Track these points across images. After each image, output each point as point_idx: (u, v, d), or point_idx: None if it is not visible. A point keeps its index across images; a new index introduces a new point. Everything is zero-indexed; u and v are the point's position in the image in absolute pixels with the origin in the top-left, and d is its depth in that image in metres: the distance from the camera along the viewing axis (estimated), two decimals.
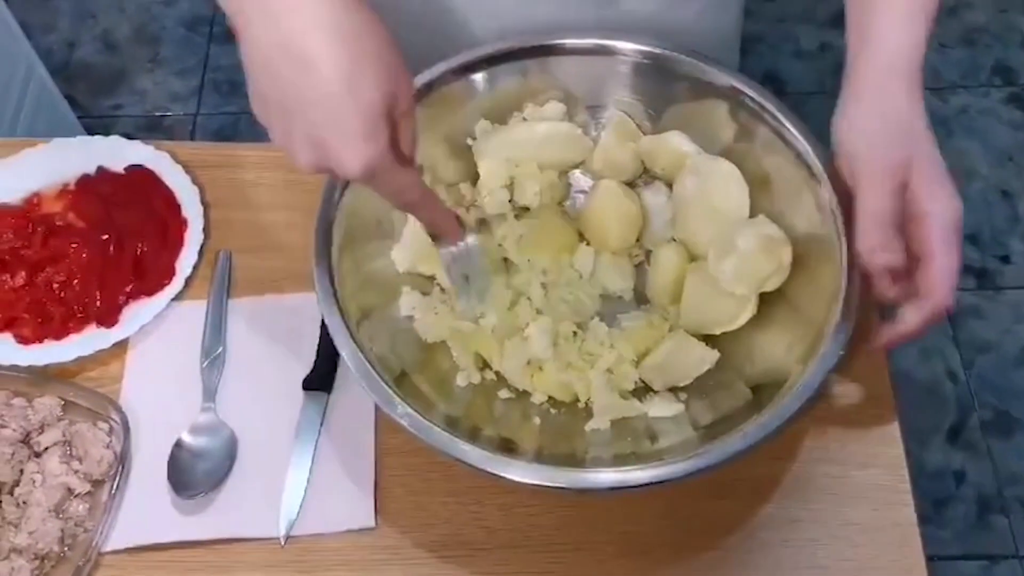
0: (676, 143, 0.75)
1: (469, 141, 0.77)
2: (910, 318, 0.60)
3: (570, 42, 0.75)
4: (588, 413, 0.69)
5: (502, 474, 0.60)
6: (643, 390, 0.70)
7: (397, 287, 0.73)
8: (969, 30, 1.96)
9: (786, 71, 1.92)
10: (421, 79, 0.72)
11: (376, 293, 0.71)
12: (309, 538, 0.69)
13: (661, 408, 0.68)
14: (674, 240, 0.74)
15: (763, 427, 0.59)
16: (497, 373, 0.71)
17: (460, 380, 0.70)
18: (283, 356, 0.75)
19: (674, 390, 0.70)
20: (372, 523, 0.69)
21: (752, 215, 0.71)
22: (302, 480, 0.70)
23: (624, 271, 0.74)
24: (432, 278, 0.74)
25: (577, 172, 0.79)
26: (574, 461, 0.64)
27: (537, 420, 0.69)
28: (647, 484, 0.59)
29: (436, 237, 0.65)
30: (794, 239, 0.69)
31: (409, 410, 0.61)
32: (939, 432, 1.56)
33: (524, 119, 0.77)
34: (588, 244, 0.75)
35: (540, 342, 0.69)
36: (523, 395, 0.70)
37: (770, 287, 0.69)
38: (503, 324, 0.71)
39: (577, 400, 0.70)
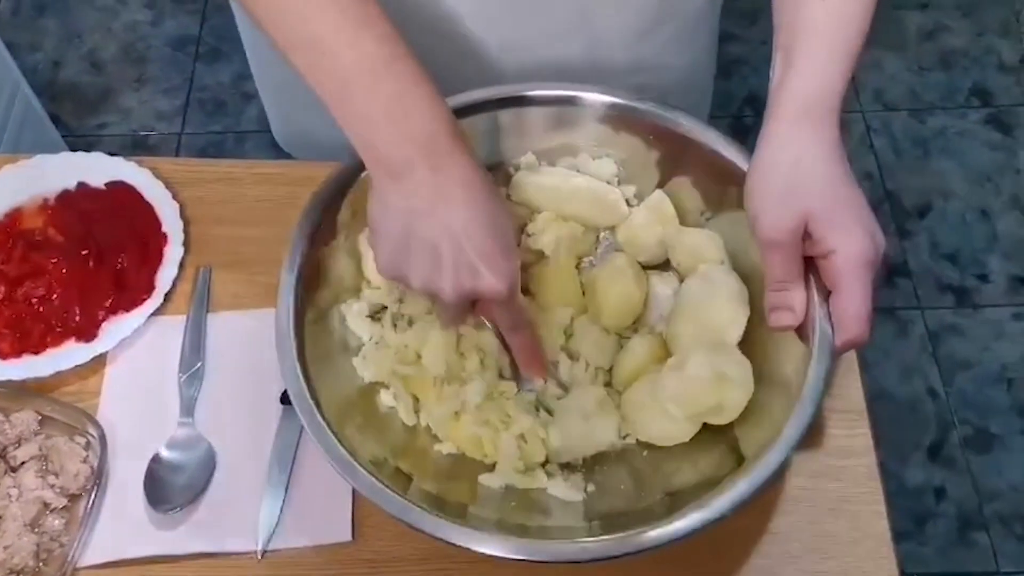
0: (701, 243, 0.72)
1: (511, 170, 0.76)
2: None
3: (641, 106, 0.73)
4: (490, 467, 0.68)
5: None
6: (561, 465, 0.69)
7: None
8: (947, 53, 1.99)
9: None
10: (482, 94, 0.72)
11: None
12: (286, 552, 0.69)
13: (561, 490, 0.67)
14: (660, 334, 0.72)
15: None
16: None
17: (386, 399, 0.70)
18: (261, 371, 0.75)
19: (583, 474, 0.68)
20: (349, 536, 0.69)
21: (747, 346, 0.67)
22: (279, 494, 0.70)
23: (606, 349, 0.72)
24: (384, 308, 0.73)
25: (606, 233, 0.77)
26: (459, 511, 0.63)
27: (443, 450, 0.69)
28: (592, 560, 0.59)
29: (518, 375, 0.70)
30: (766, 383, 0.65)
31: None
32: (919, 449, 1.57)
33: (576, 168, 0.76)
34: (585, 311, 0.74)
35: (475, 389, 0.69)
36: (436, 439, 0.70)
37: (714, 422, 0.66)
38: (448, 370, 0.70)
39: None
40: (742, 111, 1.92)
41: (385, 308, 0.73)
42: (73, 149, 1.70)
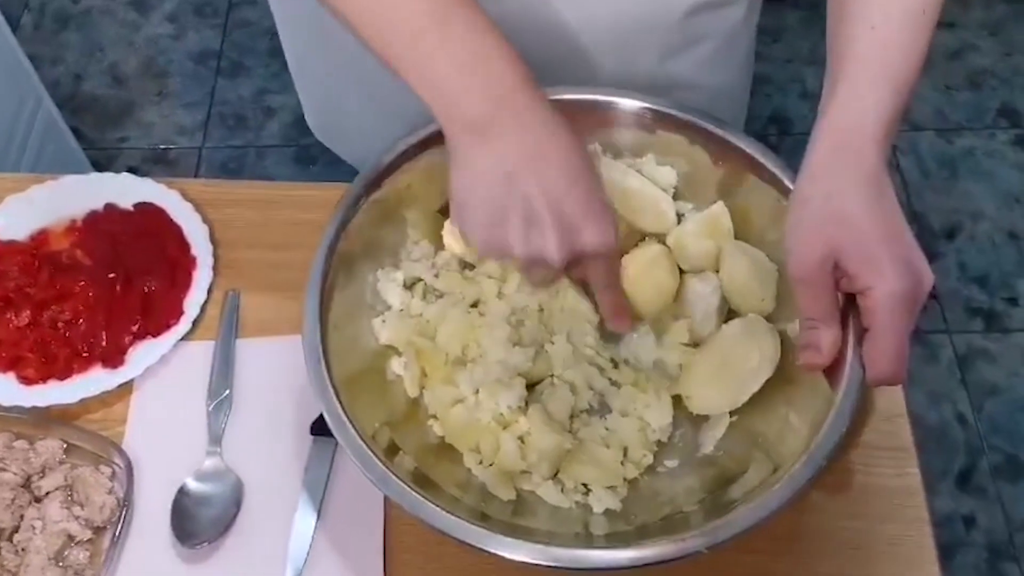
0: (749, 281, 0.70)
1: None
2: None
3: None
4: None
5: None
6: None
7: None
8: (974, 73, 1.97)
9: (793, 112, 1.93)
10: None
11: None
12: None
13: (552, 495, 0.66)
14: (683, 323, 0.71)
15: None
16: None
17: (396, 367, 0.70)
18: (291, 399, 0.74)
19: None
20: (381, 572, 0.67)
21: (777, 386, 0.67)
22: (309, 528, 0.69)
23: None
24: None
25: (652, 238, 0.75)
26: (440, 493, 0.62)
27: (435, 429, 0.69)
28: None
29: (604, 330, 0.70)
30: (790, 425, 0.64)
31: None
32: (948, 476, 1.54)
33: (639, 169, 0.74)
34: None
35: (478, 372, 0.68)
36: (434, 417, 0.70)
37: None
38: (464, 352, 0.70)
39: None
40: (766, 130, 1.90)
41: (421, 280, 0.73)
42: (93, 162, 1.72)
